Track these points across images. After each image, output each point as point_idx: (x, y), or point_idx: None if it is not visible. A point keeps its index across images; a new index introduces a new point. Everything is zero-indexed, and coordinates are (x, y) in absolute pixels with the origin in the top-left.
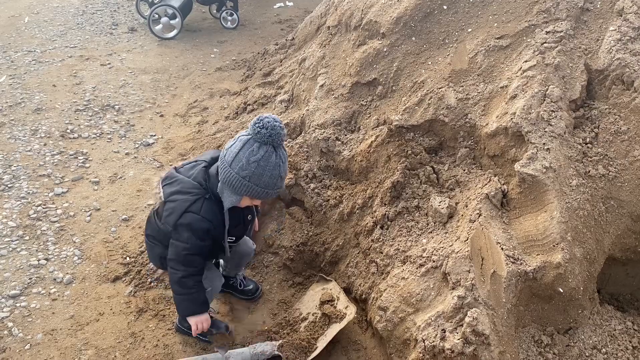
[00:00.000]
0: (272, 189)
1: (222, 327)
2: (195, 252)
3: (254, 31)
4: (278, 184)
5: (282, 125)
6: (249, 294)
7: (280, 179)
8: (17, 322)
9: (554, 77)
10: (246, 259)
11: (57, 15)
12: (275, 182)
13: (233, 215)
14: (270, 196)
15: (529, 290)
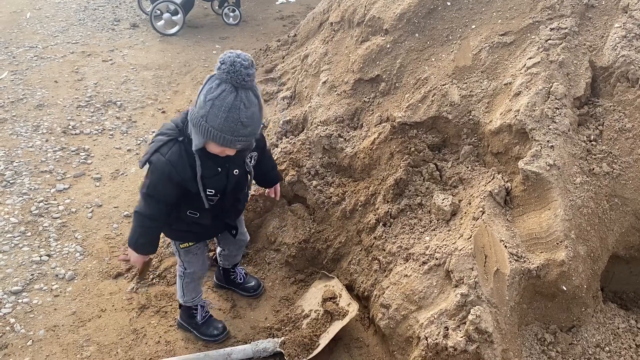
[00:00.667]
0: (229, 134)
1: (218, 328)
2: (153, 195)
3: (256, 27)
4: (237, 129)
5: (248, 64)
6: (250, 290)
7: (240, 124)
8: (19, 318)
9: (558, 74)
10: (236, 248)
11: (59, 11)
12: (232, 127)
13: (208, 163)
14: (231, 143)
15: (532, 288)
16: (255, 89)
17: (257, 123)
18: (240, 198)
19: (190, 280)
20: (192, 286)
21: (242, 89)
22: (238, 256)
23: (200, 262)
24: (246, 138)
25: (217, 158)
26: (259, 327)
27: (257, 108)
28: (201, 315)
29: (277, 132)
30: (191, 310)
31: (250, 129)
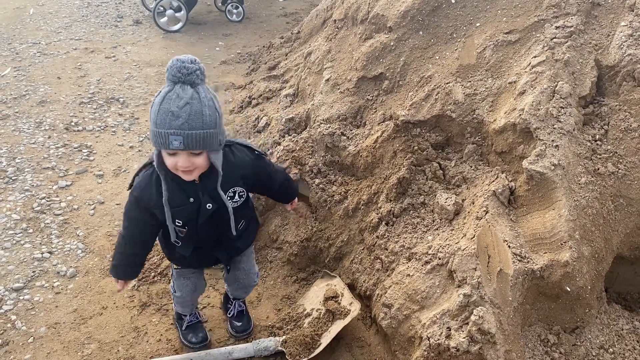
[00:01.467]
0: (161, 128)
1: (198, 337)
2: (128, 219)
3: (259, 24)
4: (168, 120)
5: (186, 60)
6: (234, 329)
7: (170, 115)
8: (20, 315)
9: (564, 73)
10: (243, 287)
11: (62, 7)
12: (163, 119)
13: (177, 191)
14: (165, 139)
15: (535, 288)
16: (198, 87)
17: (195, 118)
18: (227, 235)
19: (177, 302)
20: (181, 304)
21: (179, 84)
22: (240, 293)
23: (190, 289)
24: (180, 132)
25: (188, 186)
26: (261, 325)
27: (198, 104)
28: (188, 321)
29: (280, 130)
30: (182, 315)
31: (182, 121)
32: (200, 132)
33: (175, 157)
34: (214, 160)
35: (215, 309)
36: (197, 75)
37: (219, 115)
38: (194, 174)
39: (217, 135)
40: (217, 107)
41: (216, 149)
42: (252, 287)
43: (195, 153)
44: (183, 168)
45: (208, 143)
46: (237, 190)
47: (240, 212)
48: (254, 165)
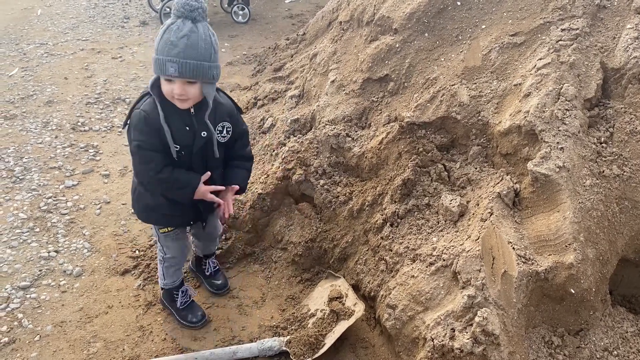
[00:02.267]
0: (160, 55)
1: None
2: (142, 146)
3: (265, 26)
4: (167, 48)
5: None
6: (214, 287)
7: (169, 44)
8: (27, 314)
9: (569, 75)
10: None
11: (70, 8)
12: (163, 47)
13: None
14: (163, 66)
15: (540, 290)
16: (198, 23)
17: (190, 49)
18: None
19: (169, 265)
20: (172, 270)
21: (182, 18)
22: (211, 247)
23: (180, 248)
24: (176, 59)
25: (184, 115)
26: (265, 325)
27: (195, 37)
28: (182, 300)
29: (285, 131)
30: (172, 294)
31: (178, 50)
32: (193, 62)
33: (172, 85)
34: (206, 92)
35: (219, 308)
36: (198, 12)
37: (214, 51)
38: (188, 103)
39: (210, 68)
40: (213, 44)
41: (209, 81)
42: (218, 239)
43: (190, 82)
44: (178, 95)
45: (201, 73)
46: (225, 126)
47: (223, 151)
48: (235, 112)
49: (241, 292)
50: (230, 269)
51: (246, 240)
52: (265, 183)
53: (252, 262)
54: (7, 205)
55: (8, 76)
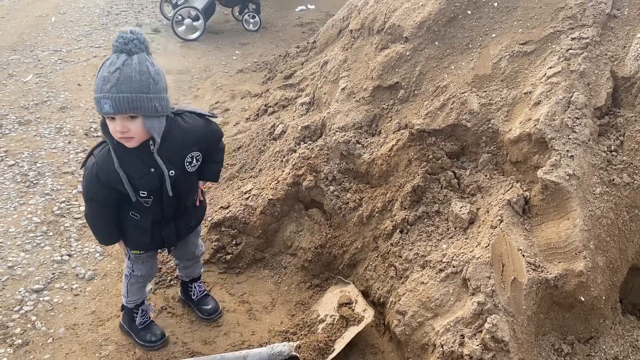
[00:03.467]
0: (95, 93)
1: (156, 334)
2: (90, 198)
3: (275, 34)
4: (100, 85)
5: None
6: (204, 313)
7: (102, 80)
8: (40, 316)
9: (579, 83)
10: (190, 262)
11: (83, 16)
12: (97, 84)
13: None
14: (98, 103)
15: (549, 298)
16: (134, 55)
17: (123, 82)
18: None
19: (134, 282)
20: (136, 288)
21: (118, 53)
22: (195, 269)
23: (149, 267)
24: (109, 95)
25: (146, 156)
26: (275, 330)
27: (129, 69)
28: (141, 319)
29: (296, 138)
30: (132, 314)
31: (110, 85)
32: (127, 96)
33: (113, 122)
34: (149, 126)
35: (229, 313)
36: (134, 44)
37: (154, 81)
38: (134, 142)
39: (150, 100)
40: (152, 74)
41: (151, 114)
42: (200, 258)
43: (130, 117)
44: (119, 133)
45: (138, 107)
46: (195, 155)
47: (195, 177)
48: (206, 127)
49: (251, 297)
50: (241, 274)
51: (256, 245)
52: (275, 189)
53: (262, 268)
54: (22, 210)
55: (23, 82)
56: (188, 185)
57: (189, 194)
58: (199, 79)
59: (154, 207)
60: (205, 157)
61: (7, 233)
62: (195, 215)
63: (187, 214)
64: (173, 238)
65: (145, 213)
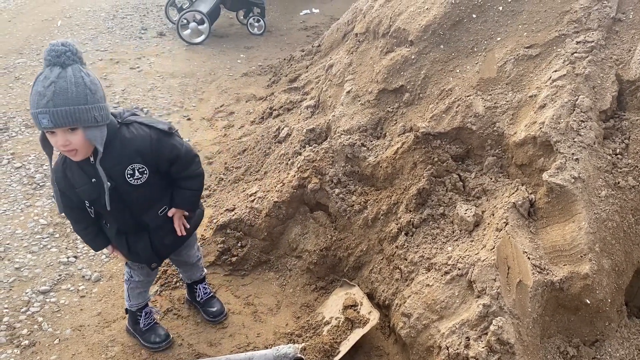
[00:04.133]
0: (32, 109)
1: (161, 335)
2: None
3: (280, 37)
4: (36, 100)
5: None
6: (210, 315)
7: (37, 95)
8: (47, 317)
9: (584, 87)
10: (188, 267)
11: (89, 20)
12: (33, 100)
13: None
14: (36, 119)
15: (555, 300)
16: (68, 67)
17: (59, 96)
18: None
19: (135, 286)
20: (137, 292)
21: (50, 66)
22: (195, 273)
23: (146, 273)
24: (46, 110)
25: (87, 167)
26: (280, 332)
27: (64, 82)
28: (144, 322)
29: (301, 141)
30: (136, 316)
31: (47, 99)
32: (65, 109)
33: (54, 137)
34: (90, 137)
35: (234, 315)
36: (67, 56)
37: (90, 91)
38: (79, 154)
39: (88, 111)
40: (88, 84)
41: (91, 125)
42: (198, 264)
43: (70, 130)
44: (61, 147)
45: (77, 119)
46: (136, 167)
47: (148, 191)
48: (153, 141)
49: (256, 299)
50: (246, 276)
51: (261, 247)
52: (281, 191)
53: (267, 270)
54: (28, 212)
55: (29, 86)
56: (139, 199)
57: (144, 207)
58: (204, 82)
59: (109, 218)
60: (163, 175)
61: (14, 235)
62: (168, 233)
63: (157, 231)
64: (150, 254)
65: (109, 222)
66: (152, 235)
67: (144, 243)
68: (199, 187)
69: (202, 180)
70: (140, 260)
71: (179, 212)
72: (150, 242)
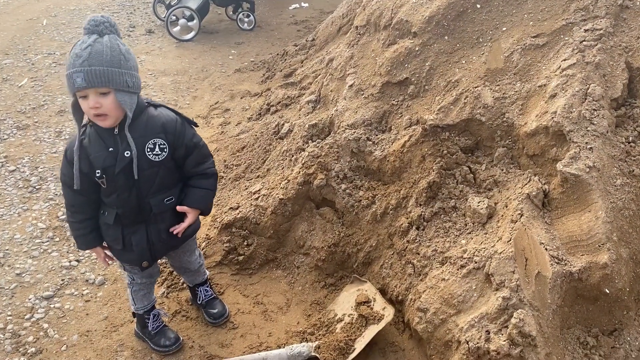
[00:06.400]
0: (67, 69)
1: (171, 338)
2: (63, 181)
3: (270, 32)
4: (72, 62)
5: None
6: (211, 316)
7: (74, 56)
8: (52, 324)
9: (595, 75)
10: (190, 273)
11: (74, 18)
12: (70, 61)
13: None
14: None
15: (574, 291)
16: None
17: (95, 57)
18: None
19: (138, 289)
20: (141, 294)
21: (88, 34)
22: (197, 277)
23: (148, 273)
24: (81, 69)
25: (107, 135)
26: (292, 331)
27: (100, 45)
28: (153, 325)
29: (303, 136)
30: (144, 319)
31: (82, 59)
32: (99, 69)
33: (87, 100)
34: (121, 99)
35: (244, 315)
36: (105, 26)
37: (125, 58)
38: (109, 120)
39: (121, 74)
40: (123, 52)
41: (122, 88)
42: (200, 270)
43: (103, 94)
44: (93, 109)
45: (109, 80)
46: (158, 142)
47: (161, 173)
48: (178, 124)
49: (265, 298)
50: (253, 275)
51: (268, 245)
52: (286, 188)
53: (274, 268)
54: (26, 215)
55: (18, 87)
56: (150, 178)
57: (153, 189)
58: (197, 79)
59: (114, 196)
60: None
61: (13, 240)
62: (167, 227)
63: (157, 222)
64: (144, 250)
65: (109, 206)
66: (149, 228)
67: (140, 235)
68: (213, 187)
69: (216, 181)
70: (132, 257)
71: (193, 212)
72: (146, 235)
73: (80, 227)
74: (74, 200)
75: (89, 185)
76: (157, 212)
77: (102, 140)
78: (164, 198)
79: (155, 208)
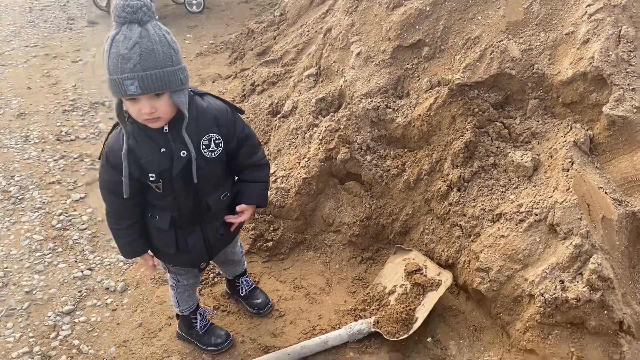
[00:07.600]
0: (114, 74)
1: (221, 336)
2: (104, 188)
3: (221, 13)
4: (119, 65)
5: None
6: (255, 307)
7: (121, 59)
8: (83, 339)
9: (624, 17)
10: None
11: (3, 15)
12: (115, 64)
13: (144, 142)
14: (119, 88)
15: (636, 230)
16: (147, 24)
17: (147, 58)
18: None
19: (183, 290)
20: (186, 295)
21: (127, 24)
22: (237, 268)
23: (193, 275)
24: (134, 75)
25: (157, 136)
26: (342, 310)
27: (148, 42)
28: (201, 324)
29: (312, 112)
30: (190, 320)
31: (133, 63)
32: (155, 72)
33: (138, 104)
34: (178, 101)
35: (287, 301)
36: (144, 12)
37: (174, 51)
38: (162, 121)
39: (175, 73)
40: (171, 43)
41: (178, 88)
42: (242, 259)
43: (156, 95)
44: (147, 115)
45: (166, 82)
46: (213, 138)
47: (217, 169)
48: (229, 114)
49: (304, 281)
50: (285, 260)
51: (295, 228)
52: (307, 167)
53: (305, 250)
54: (17, 229)
55: None
56: (208, 176)
57: (210, 187)
58: None
59: (169, 199)
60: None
61: (10, 256)
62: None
63: (213, 217)
64: (202, 250)
65: (162, 209)
66: (205, 227)
67: (197, 236)
68: (268, 179)
69: (269, 170)
70: (187, 260)
71: (251, 208)
72: (202, 235)
73: (127, 234)
74: (121, 206)
75: (137, 189)
76: (215, 210)
77: (152, 140)
78: (220, 195)
79: (213, 207)
